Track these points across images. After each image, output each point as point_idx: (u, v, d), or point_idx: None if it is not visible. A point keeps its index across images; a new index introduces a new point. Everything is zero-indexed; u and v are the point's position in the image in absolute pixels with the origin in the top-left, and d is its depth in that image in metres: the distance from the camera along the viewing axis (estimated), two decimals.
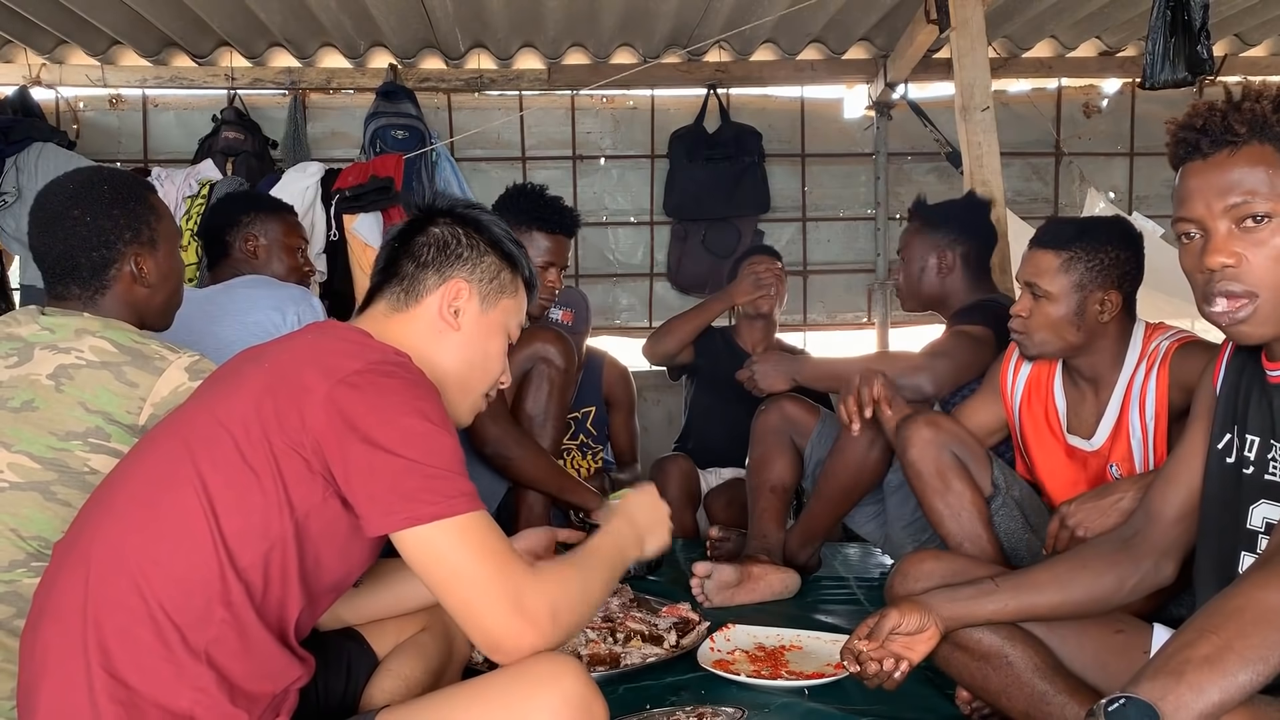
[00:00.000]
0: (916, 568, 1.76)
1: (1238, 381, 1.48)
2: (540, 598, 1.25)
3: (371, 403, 1.27)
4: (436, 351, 1.49)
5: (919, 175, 5.05)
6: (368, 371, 1.30)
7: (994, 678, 1.63)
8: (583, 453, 3.52)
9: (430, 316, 1.50)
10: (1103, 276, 2.03)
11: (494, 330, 1.55)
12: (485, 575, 1.24)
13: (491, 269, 1.55)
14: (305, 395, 1.28)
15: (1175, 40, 3.11)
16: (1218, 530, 1.48)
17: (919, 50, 4.09)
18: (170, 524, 1.27)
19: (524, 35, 4.37)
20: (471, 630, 1.26)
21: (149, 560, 1.25)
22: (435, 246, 1.52)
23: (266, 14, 3.99)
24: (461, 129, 4.72)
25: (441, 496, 1.25)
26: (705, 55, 4.64)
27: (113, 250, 1.80)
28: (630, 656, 2.08)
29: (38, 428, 1.62)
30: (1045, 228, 2.16)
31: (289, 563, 1.29)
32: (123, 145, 4.72)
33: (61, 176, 1.88)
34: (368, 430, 1.26)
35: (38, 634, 1.29)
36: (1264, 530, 1.39)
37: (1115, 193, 5.01)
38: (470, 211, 1.58)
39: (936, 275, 2.80)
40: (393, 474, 1.25)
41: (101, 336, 1.70)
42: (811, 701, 1.93)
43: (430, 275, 1.51)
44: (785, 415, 2.76)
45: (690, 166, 4.74)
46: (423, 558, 1.26)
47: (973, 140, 3.20)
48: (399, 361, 1.36)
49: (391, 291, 1.51)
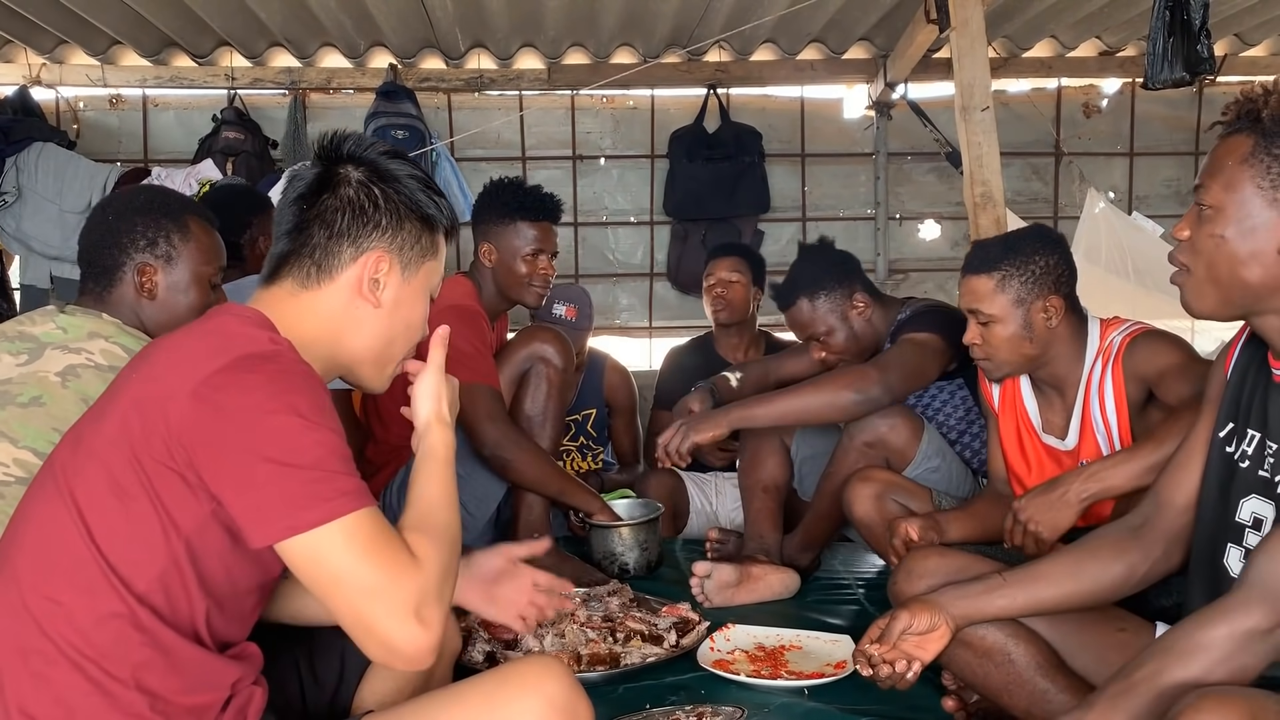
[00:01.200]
0: (920, 565, 1.77)
1: (1245, 373, 1.49)
2: (430, 593, 1.15)
3: (235, 404, 1.16)
4: (352, 330, 1.37)
5: (919, 175, 5.06)
6: (229, 369, 1.19)
7: (996, 675, 1.63)
8: (583, 454, 3.53)
9: (345, 293, 1.35)
10: (1038, 286, 2.05)
11: (417, 297, 1.41)
12: (375, 580, 1.13)
13: (413, 233, 1.38)
14: (168, 403, 1.18)
15: (1175, 40, 3.11)
16: (1209, 519, 1.48)
17: (919, 50, 4.09)
18: (58, 563, 1.20)
19: (524, 35, 4.37)
20: (365, 640, 1.15)
21: (48, 601, 1.19)
22: (350, 212, 1.34)
23: (266, 14, 3.99)
24: (461, 129, 4.72)
25: (319, 499, 1.14)
26: (705, 55, 4.65)
27: (124, 254, 1.82)
28: (630, 656, 2.08)
29: (42, 423, 1.63)
30: (971, 253, 2.17)
31: (188, 580, 1.21)
32: (123, 145, 4.72)
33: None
34: (233, 436, 1.15)
35: None
36: (1251, 524, 1.40)
37: (1115, 193, 5.01)
38: (381, 160, 1.39)
39: (866, 324, 2.71)
40: (265, 481, 1.14)
41: (114, 341, 1.72)
42: (811, 701, 1.93)
43: (346, 246, 1.34)
44: None
45: (690, 166, 4.74)
46: (306, 565, 1.15)
47: (973, 140, 3.20)
48: (268, 353, 1.23)
49: (300, 265, 1.35)
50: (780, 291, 2.78)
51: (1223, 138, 1.39)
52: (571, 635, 2.13)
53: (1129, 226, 4.30)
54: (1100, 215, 4.32)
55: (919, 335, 2.53)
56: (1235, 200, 1.35)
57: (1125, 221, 4.37)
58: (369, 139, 1.41)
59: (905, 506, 2.39)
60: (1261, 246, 1.34)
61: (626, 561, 2.70)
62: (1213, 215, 1.37)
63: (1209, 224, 1.38)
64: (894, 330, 2.67)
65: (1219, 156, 1.39)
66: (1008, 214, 3.31)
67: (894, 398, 2.47)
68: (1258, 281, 1.35)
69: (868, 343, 2.72)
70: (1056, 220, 5.01)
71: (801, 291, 2.71)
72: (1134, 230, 4.26)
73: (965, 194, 3.26)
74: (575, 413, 3.50)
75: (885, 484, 2.40)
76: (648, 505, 2.89)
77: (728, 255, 3.58)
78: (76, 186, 4.18)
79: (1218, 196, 1.37)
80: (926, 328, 2.54)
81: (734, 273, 3.49)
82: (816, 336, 2.71)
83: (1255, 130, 1.35)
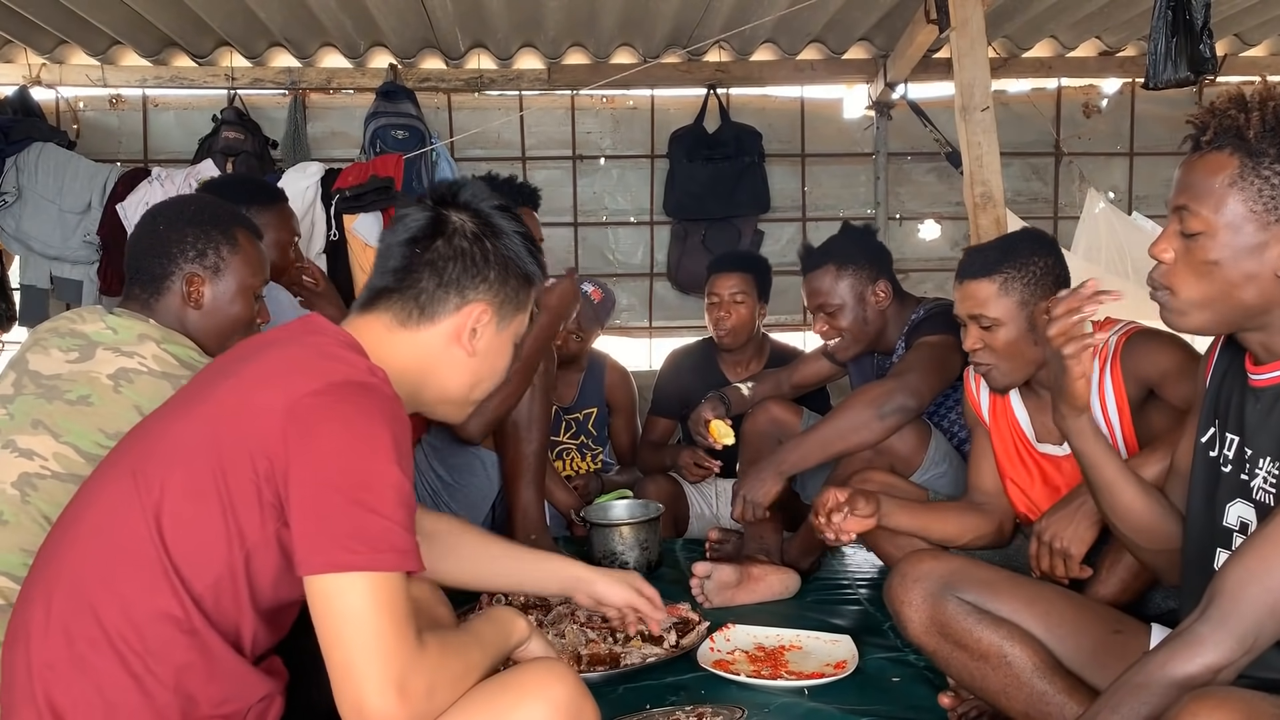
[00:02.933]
0: (915, 567, 1.76)
1: (1224, 377, 1.48)
2: (421, 676, 1.15)
3: (325, 431, 1.19)
4: (443, 372, 1.42)
5: (919, 175, 5.06)
6: (325, 393, 1.21)
7: (993, 677, 1.63)
8: (582, 454, 3.53)
9: (443, 338, 1.40)
10: (1040, 286, 2.03)
11: (506, 346, 1.48)
12: (379, 644, 1.13)
13: (513, 289, 1.44)
14: (261, 418, 1.21)
15: (1177, 40, 3.11)
16: (1198, 525, 1.48)
17: (919, 50, 4.09)
18: (122, 552, 1.22)
19: (524, 35, 4.37)
20: (342, 692, 1.14)
21: (105, 588, 1.21)
22: (461, 263, 1.39)
23: (266, 14, 3.99)
24: (461, 129, 4.72)
25: (370, 548, 1.15)
26: (705, 55, 4.65)
27: (173, 263, 1.84)
28: (630, 656, 2.08)
29: (88, 422, 1.65)
30: (966, 260, 2.11)
31: (240, 591, 1.24)
32: (123, 145, 4.73)
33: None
34: (316, 462, 1.18)
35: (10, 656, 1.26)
36: (1238, 529, 1.39)
37: (1115, 192, 5.02)
38: (494, 214, 1.44)
39: (877, 312, 2.70)
40: (330, 513, 1.16)
41: (164, 347, 1.74)
42: (811, 701, 1.93)
43: (452, 295, 1.39)
44: (772, 418, 2.79)
45: (690, 166, 4.74)
46: (323, 600, 1.16)
47: (972, 140, 3.20)
48: (365, 384, 1.25)
49: (403, 304, 1.39)
50: (810, 253, 2.76)
51: (1198, 155, 1.35)
52: (571, 635, 2.13)
53: (1129, 226, 4.31)
54: (1100, 215, 4.33)
55: (933, 338, 2.52)
56: (1227, 224, 1.31)
57: (1125, 221, 4.38)
58: (483, 190, 1.46)
59: None
60: (1257, 269, 1.31)
61: (627, 561, 2.71)
62: (1203, 240, 1.33)
63: (1199, 249, 1.33)
64: (908, 331, 2.67)
65: (1201, 176, 1.33)
66: (1008, 214, 3.31)
67: (922, 402, 2.43)
68: (1253, 302, 1.33)
69: (872, 332, 2.70)
70: (1056, 220, 5.02)
71: (831, 259, 2.70)
72: (1134, 230, 4.26)
73: (965, 194, 3.26)
74: (576, 411, 3.50)
75: (881, 485, 2.38)
76: (648, 505, 2.89)
77: (731, 271, 3.36)
78: (76, 186, 4.18)
79: (1207, 221, 1.32)
80: (940, 329, 2.52)
81: (740, 293, 3.31)
82: (827, 308, 2.69)
83: (1239, 149, 1.31)
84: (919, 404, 2.43)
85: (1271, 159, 1.29)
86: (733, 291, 3.32)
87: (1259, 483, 1.35)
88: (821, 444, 2.48)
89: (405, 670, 1.13)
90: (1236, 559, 1.26)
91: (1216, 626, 1.24)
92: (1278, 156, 1.29)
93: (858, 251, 2.71)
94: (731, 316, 3.31)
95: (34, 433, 1.64)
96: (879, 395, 2.44)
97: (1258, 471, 1.36)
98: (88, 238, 4.19)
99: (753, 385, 3.02)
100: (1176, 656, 1.25)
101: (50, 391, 1.68)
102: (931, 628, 1.69)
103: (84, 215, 4.20)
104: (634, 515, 2.82)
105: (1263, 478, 1.35)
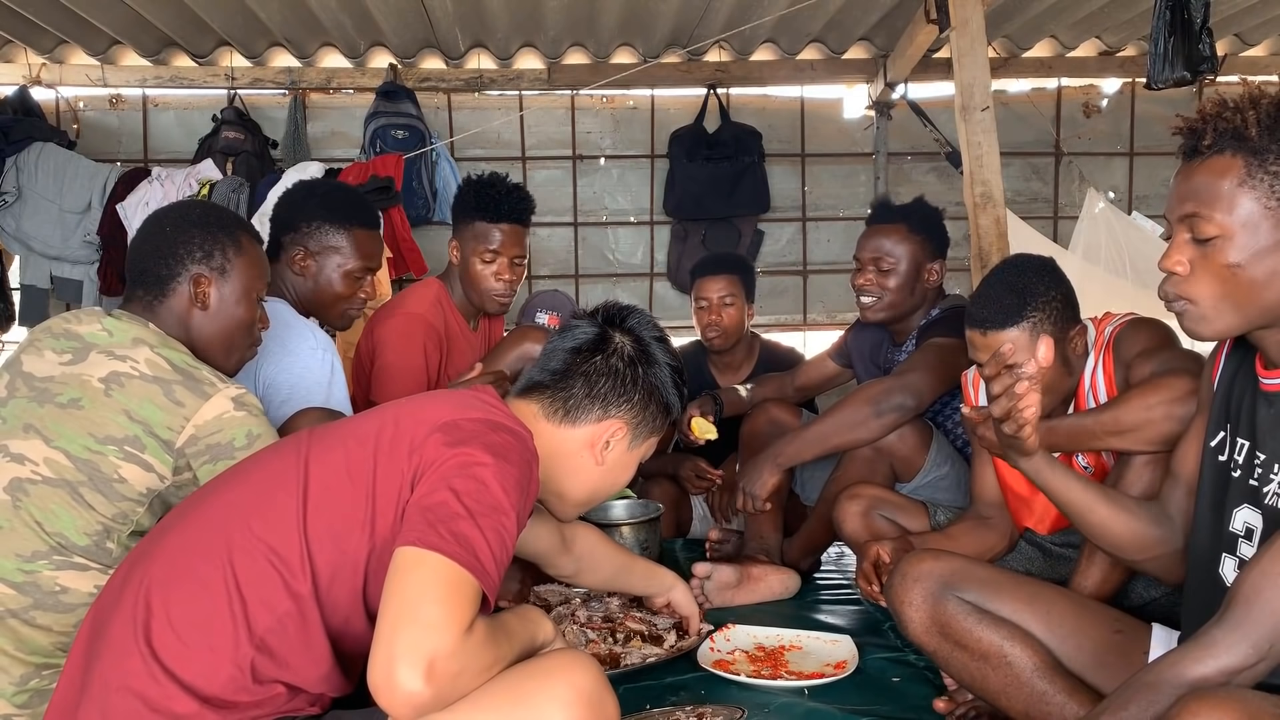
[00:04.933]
0: (915, 568, 1.76)
1: (1233, 380, 1.48)
2: (454, 661, 1.16)
3: (467, 446, 1.30)
4: (569, 471, 1.56)
5: (919, 175, 5.06)
6: (479, 423, 1.35)
7: (993, 678, 1.63)
8: None
9: (578, 442, 1.55)
10: (1064, 319, 1.99)
11: (633, 464, 1.62)
12: (427, 620, 1.16)
13: (652, 414, 1.59)
14: (421, 425, 1.34)
15: (1176, 39, 3.11)
16: (1204, 529, 1.48)
17: (919, 50, 4.09)
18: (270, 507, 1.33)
19: (524, 35, 4.37)
20: (377, 658, 1.15)
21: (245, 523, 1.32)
22: (612, 380, 1.55)
23: (266, 14, 3.99)
24: (461, 129, 4.72)
25: (454, 543, 1.21)
26: (705, 55, 4.65)
27: (180, 265, 1.85)
28: (630, 656, 2.08)
29: (79, 426, 1.65)
30: (982, 309, 1.98)
31: (355, 584, 1.32)
32: (123, 145, 4.72)
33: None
34: (447, 464, 1.28)
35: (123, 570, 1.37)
36: (1244, 534, 1.39)
37: (1115, 193, 5.02)
38: (652, 343, 1.60)
39: (923, 288, 2.69)
40: (437, 504, 1.25)
41: (158, 352, 1.74)
42: (811, 701, 1.93)
43: (596, 408, 1.55)
44: (771, 419, 2.81)
45: (690, 166, 4.74)
46: (397, 573, 1.20)
47: (973, 140, 3.20)
48: (515, 431, 1.39)
49: (552, 402, 1.55)
50: (886, 207, 2.79)
51: (1199, 161, 1.34)
52: (571, 635, 2.13)
53: (1129, 226, 4.31)
54: (1100, 215, 4.33)
55: (942, 339, 2.52)
56: (1243, 225, 1.30)
57: (1125, 221, 4.38)
58: (648, 318, 1.64)
59: (894, 522, 2.40)
60: (1278, 266, 1.30)
61: None
62: (1220, 244, 1.31)
63: (1217, 254, 1.32)
64: (921, 328, 2.67)
65: (1207, 181, 1.32)
66: (1008, 214, 3.31)
67: (921, 402, 2.45)
68: (1277, 299, 1.32)
69: (910, 305, 2.69)
70: (1056, 220, 5.02)
71: (908, 221, 2.71)
72: (1134, 230, 4.26)
73: (965, 194, 3.26)
74: None
75: (872, 500, 2.40)
76: (648, 505, 2.89)
77: (718, 273, 3.34)
78: (76, 186, 4.18)
79: (1222, 224, 1.31)
80: (949, 332, 2.52)
81: (728, 295, 3.29)
82: (883, 265, 2.67)
83: (1242, 149, 1.30)
84: (918, 404, 2.44)
85: (1275, 154, 1.29)
86: (721, 294, 3.31)
87: (1272, 489, 1.35)
88: (819, 438, 2.49)
89: (442, 653, 1.15)
90: (1255, 564, 1.25)
91: (1231, 630, 1.23)
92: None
93: (931, 226, 2.73)
94: (722, 319, 3.30)
95: (25, 437, 1.65)
96: (878, 393, 2.45)
97: (1272, 478, 1.35)
98: (88, 238, 4.19)
99: (751, 387, 3.02)
100: (1189, 658, 1.25)
101: (42, 395, 1.68)
102: (932, 627, 1.70)
103: (84, 215, 4.20)
104: (634, 515, 2.81)
105: (1277, 484, 1.34)
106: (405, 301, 2.74)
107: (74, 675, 1.31)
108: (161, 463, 1.67)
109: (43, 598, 1.60)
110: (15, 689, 1.58)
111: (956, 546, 2.12)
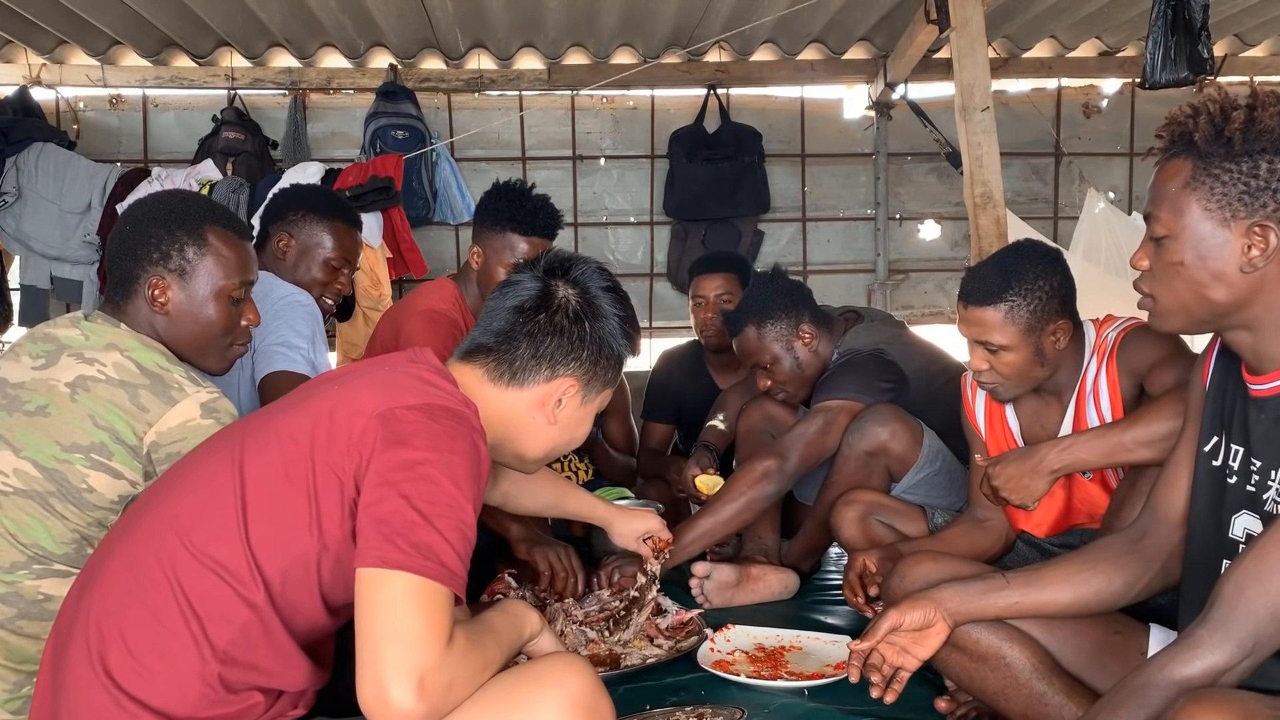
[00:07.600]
0: (913, 570, 1.76)
1: (1224, 386, 1.48)
2: (443, 674, 1.15)
3: (410, 441, 1.25)
4: (523, 433, 1.51)
5: (919, 175, 5.06)
6: (419, 409, 1.28)
7: (992, 679, 1.63)
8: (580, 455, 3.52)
9: (528, 403, 1.49)
10: (1047, 310, 2.00)
11: (588, 417, 1.56)
12: (408, 640, 1.14)
13: (603, 368, 1.52)
14: (357, 418, 1.28)
15: (1176, 40, 3.11)
16: (1203, 536, 1.48)
17: (919, 50, 4.09)
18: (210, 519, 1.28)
19: (524, 35, 4.37)
20: (365, 681, 1.14)
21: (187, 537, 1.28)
22: (557, 339, 1.47)
23: (266, 14, 3.99)
24: (461, 129, 4.72)
25: (420, 554, 1.18)
26: (705, 55, 4.65)
27: (138, 266, 1.74)
28: (630, 657, 2.08)
29: (46, 435, 1.61)
30: (970, 283, 2.05)
31: (309, 581, 1.30)
32: (123, 145, 4.72)
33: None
34: (392, 465, 1.23)
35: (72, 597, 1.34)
36: (1244, 540, 1.39)
37: (1115, 192, 5.02)
38: (599, 294, 1.52)
39: (811, 354, 2.70)
40: (390, 514, 1.20)
41: (129, 356, 1.66)
42: (811, 701, 1.93)
43: (544, 368, 1.48)
44: (766, 414, 2.81)
45: (690, 166, 4.74)
46: (366, 595, 1.18)
47: (972, 140, 3.20)
48: (457, 411, 1.32)
49: (496, 365, 1.48)
50: (729, 319, 2.79)
51: (1160, 164, 1.40)
52: (571, 636, 2.13)
53: (1129, 226, 4.31)
54: (1100, 215, 4.34)
55: (831, 402, 2.55)
56: (1186, 225, 1.35)
57: (1125, 221, 4.38)
58: (594, 266, 1.55)
59: (891, 526, 2.40)
60: (1222, 267, 1.34)
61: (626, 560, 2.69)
62: (1168, 244, 1.38)
63: (1166, 252, 1.38)
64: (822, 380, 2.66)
65: (1160, 183, 1.39)
66: (1008, 214, 3.31)
67: (793, 480, 2.53)
68: (1225, 300, 1.36)
69: (812, 372, 2.72)
70: (1056, 220, 5.02)
71: (750, 319, 2.71)
72: (1134, 230, 4.25)
73: (965, 194, 3.26)
74: None
75: (869, 505, 2.41)
76: (647, 505, 2.88)
77: (715, 272, 3.36)
78: (76, 187, 4.19)
79: (1169, 224, 1.37)
80: (841, 391, 2.56)
81: (725, 293, 3.30)
82: (763, 364, 2.71)
83: (1191, 153, 1.34)
84: (791, 483, 2.55)
85: (1220, 158, 1.32)
86: (718, 293, 3.32)
87: (1271, 495, 1.35)
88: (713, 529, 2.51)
89: (429, 668, 1.14)
90: (1238, 563, 1.27)
91: (1215, 629, 1.25)
92: (1226, 155, 1.32)
93: (771, 302, 2.71)
94: (719, 317, 3.29)
95: None
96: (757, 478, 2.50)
97: (1270, 484, 1.36)
98: (88, 238, 4.19)
99: (724, 418, 3.03)
100: (1176, 659, 1.26)
101: (12, 402, 1.63)
102: None
103: (84, 215, 4.20)
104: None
105: (1276, 489, 1.35)
106: (426, 298, 2.72)
107: (44, 707, 1.29)
108: (130, 469, 1.62)
109: (27, 607, 1.59)
110: (9, 696, 1.58)
111: (948, 549, 2.11)
